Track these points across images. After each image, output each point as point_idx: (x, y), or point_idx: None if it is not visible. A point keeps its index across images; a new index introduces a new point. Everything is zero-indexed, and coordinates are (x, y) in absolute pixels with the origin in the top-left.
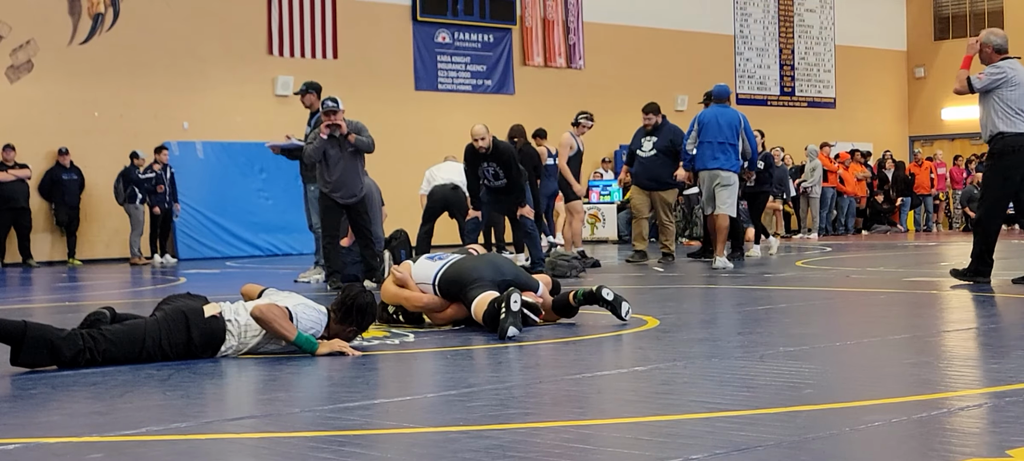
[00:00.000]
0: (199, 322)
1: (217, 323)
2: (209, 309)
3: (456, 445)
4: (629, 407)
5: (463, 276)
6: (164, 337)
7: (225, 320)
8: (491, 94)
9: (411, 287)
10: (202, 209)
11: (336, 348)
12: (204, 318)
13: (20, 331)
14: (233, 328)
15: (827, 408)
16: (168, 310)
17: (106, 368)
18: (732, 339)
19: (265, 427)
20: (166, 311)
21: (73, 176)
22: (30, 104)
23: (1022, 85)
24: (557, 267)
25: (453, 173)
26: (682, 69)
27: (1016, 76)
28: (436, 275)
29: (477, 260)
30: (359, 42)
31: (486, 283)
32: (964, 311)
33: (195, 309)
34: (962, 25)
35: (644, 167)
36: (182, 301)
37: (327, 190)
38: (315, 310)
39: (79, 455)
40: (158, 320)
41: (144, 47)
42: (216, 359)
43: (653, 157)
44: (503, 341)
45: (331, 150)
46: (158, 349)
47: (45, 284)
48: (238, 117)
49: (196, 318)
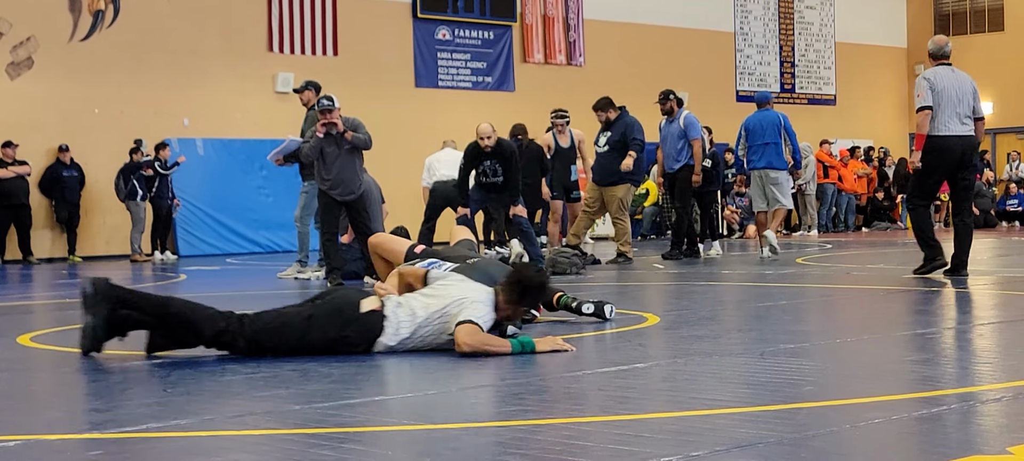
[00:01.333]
0: (354, 316)
1: (374, 318)
2: (367, 303)
3: (457, 442)
4: (630, 404)
5: None
6: (313, 330)
7: (383, 315)
8: (491, 91)
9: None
10: (202, 206)
11: (557, 345)
12: (359, 312)
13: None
14: (391, 323)
15: (828, 405)
16: (322, 303)
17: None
18: (733, 336)
19: (266, 424)
20: (320, 304)
21: (73, 173)
22: (30, 101)
23: (945, 91)
24: (557, 265)
25: (453, 167)
26: (682, 66)
27: (937, 82)
28: None
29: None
30: (359, 39)
31: None
32: (965, 308)
33: (351, 302)
34: (962, 22)
35: (598, 162)
36: (341, 294)
37: (325, 187)
38: (485, 305)
39: (80, 452)
40: (309, 312)
41: (144, 44)
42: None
43: (606, 152)
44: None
45: (328, 147)
46: (304, 342)
47: (45, 281)
48: (238, 114)
49: (352, 312)
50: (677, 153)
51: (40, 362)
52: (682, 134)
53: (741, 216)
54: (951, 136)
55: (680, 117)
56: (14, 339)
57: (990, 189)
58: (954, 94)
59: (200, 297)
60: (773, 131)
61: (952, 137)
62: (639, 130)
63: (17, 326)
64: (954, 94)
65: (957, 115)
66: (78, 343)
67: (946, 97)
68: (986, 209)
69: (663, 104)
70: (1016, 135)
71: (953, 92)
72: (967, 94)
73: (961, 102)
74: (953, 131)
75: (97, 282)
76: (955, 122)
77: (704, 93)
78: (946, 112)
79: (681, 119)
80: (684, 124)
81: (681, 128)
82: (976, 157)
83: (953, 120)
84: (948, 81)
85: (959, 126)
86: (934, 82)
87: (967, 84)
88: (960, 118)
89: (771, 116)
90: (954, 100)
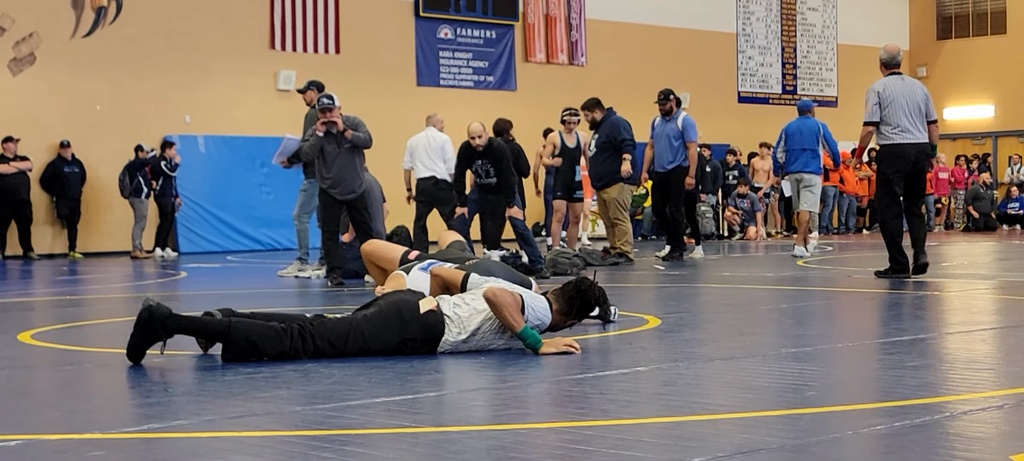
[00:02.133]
0: (416, 317)
1: (434, 318)
2: (425, 304)
3: (458, 445)
4: (630, 408)
5: None
6: (371, 334)
7: (443, 314)
8: (493, 90)
9: None
10: (203, 203)
11: (561, 347)
12: (420, 313)
13: (223, 331)
14: (453, 322)
15: (830, 411)
16: (382, 306)
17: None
18: (734, 340)
19: (267, 425)
20: (380, 307)
21: (74, 169)
22: (32, 97)
23: (895, 100)
24: (558, 265)
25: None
26: (684, 66)
27: (886, 93)
28: None
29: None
30: (361, 37)
31: None
32: (967, 313)
33: (410, 303)
34: (965, 25)
35: (591, 166)
36: (398, 297)
37: (326, 186)
38: (544, 304)
39: (80, 452)
40: (368, 317)
41: (146, 41)
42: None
43: (595, 155)
44: None
45: (328, 146)
46: (363, 345)
47: (46, 277)
48: (240, 111)
49: (412, 313)
50: (673, 154)
51: (41, 360)
52: (679, 135)
53: (742, 218)
54: (904, 143)
55: (678, 118)
56: (14, 336)
57: (988, 191)
58: (904, 102)
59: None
60: (812, 138)
61: (906, 144)
62: (626, 129)
63: (17, 323)
64: (904, 102)
65: (910, 122)
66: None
67: (897, 106)
68: (986, 212)
69: (663, 104)
70: (1018, 138)
71: (903, 100)
72: (918, 101)
73: (912, 109)
74: (906, 138)
75: (156, 310)
76: (910, 130)
77: (706, 94)
78: (897, 121)
79: (679, 120)
80: (682, 126)
81: (678, 129)
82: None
83: (908, 128)
84: (898, 90)
85: (916, 133)
86: (884, 94)
87: (917, 91)
88: (913, 125)
89: (811, 124)
90: (905, 108)
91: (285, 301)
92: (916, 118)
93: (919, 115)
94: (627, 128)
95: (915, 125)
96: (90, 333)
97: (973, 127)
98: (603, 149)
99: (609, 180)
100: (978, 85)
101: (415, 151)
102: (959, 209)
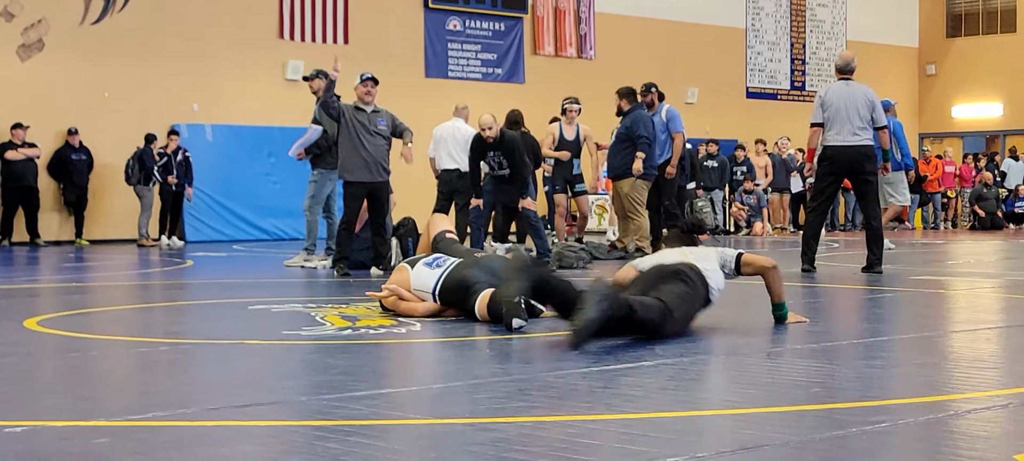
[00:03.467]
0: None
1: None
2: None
3: (462, 437)
4: (635, 403)
5: (461, 284)
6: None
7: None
8: (501, 83)
9: (408, 299)
10: (210, 192)
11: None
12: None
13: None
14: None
15: (834, 408)
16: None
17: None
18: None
19: (272, 415)
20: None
21: (82, 156)
22: (40, 83)
23: (834, 105)
24: (564, 259)
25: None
26: (693, 61)
27: (828, 98)
28: (435, 285)
29: (473, 267)
30: (370, 28)
31: (483, 286)
32: (972, 311)
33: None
34: (975, 23)
35: (608, 156)
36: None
37: (355, 170)
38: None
39: (85, 438)
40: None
41: (155, 28)
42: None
43: (613, 145)
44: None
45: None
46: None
47: (52, 264)
48: (248, 100)
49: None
50: (660, 148)
51: (46, 347)
52: (664, 128)
53: (747, 213)
54: (840, 146)
55: (661, 111)
56: (20, 323)
57: (991, 190)
58: (844, 107)
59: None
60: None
61: (841, 147)
62: (645, 127)
63: (23, 310)
64: (844, 107)
65: (848, 127)
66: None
67: (836, 110)
68: (991, 211)
69: (644, 96)
70: None
71: (843, 105)
72: (859, 106)
73: (852, 114)
74: (844, 141)
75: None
76: (846, 133)
77: (714, 89)
78: (837, 124)
79: (663, 113)
80: (666, 118)
81: (663, 122)
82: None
83: (844, 131)
84: (839, 95)
85: (851, 137)
86: (825, 98)
87: (859, 97)
88: (852, 129)
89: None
90: (844, 112)
91: (291, 291)
92: (855, 122)
93: (859, 119)
94: (647, 125)
95: (852, 129)
96: (96, 320)
97: (981, 126)
98: (621, 141)
99: (622, 172)
100: (987, 83)
101: (441, 141)
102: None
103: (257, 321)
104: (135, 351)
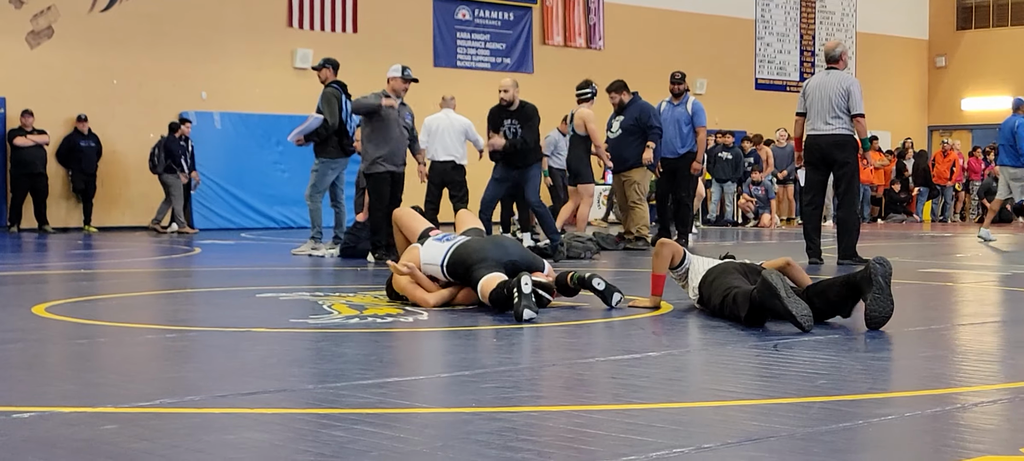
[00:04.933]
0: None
1: None
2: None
3: (469, 427)
4: (641, 393)
5: (469, 257)
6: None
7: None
8: (510, 72)
9: (421, 280)
10: (218, 180)
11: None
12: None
13: None
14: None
15: (840, 400)
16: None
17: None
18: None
19: (278, 402)
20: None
21: (91, 143)
22: (49, 70)
23: (811, 95)
24: (572, 248)
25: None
26: (702, 52)
27: (808, 87)
28: (444, 258)
29: (484, 241)
30: (379, 17)
31: (491, 263)
32: (979, 304)
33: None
34: (985, 15)
35: (614, 148)
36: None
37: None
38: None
39: (93, 425)
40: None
41: (164, 16)
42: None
43: (619, 137)
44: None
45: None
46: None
47: (60, 251)
48: (256, 89)
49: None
50: (682, 140)
51: (54, 333)
52: (689, 120)
53: (756, 205)
54: (812, 135)
55: (687, 103)
56: (29, 309)
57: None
58: (819, 97)
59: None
60: (1007, 133)
61: (813, 136)
62: (656, 116)
63: (32, 296)
64: (819, 97)
65: (821, 116)
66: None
67: (812, 100)
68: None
69: (680, 84)
70: None
71: (817, 94)
72: (832, 95)
73: (824, 104)
74: (817, 130)
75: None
76: (819, 122)
77: (723, 80)
78: (812, 114)
79: (689, 105)
80: (692, 110)
81: (688, 114)
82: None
83: (818, 121)
84: (817, 85)
85: (823, 125)
86: (806, 88)
87: (834, 86)
88: (824, 118)
89: (1010, 121)
90: (818, 103)
91: (299, 279)
92: (828, 112)
93: (832, 109)
94: (657, 115)
95: (825, 119)
96: (104, 307)
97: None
98: (630, 132)
99: (633, 163)
100: (997, 76)
101: (435, 133)
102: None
103: (265, 309)
104: (143, 338)
